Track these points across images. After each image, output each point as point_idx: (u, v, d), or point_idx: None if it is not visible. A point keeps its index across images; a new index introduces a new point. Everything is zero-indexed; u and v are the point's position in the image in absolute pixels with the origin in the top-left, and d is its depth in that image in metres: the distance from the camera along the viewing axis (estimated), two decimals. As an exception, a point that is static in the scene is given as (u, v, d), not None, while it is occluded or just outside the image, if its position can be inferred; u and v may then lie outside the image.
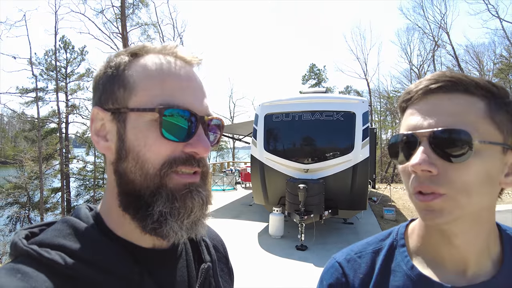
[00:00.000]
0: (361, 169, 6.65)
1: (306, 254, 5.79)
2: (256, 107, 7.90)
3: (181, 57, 0.56)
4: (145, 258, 0.54)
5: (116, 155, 0.53)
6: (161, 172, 0.50)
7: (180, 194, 0.51)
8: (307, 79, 39.99)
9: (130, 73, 0.53)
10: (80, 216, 0.54)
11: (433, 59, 33.67)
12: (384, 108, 39.15)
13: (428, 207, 0.54)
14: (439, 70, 21.94)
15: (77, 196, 26.49)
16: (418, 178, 0.55)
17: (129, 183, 0.51)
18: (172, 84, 0.52)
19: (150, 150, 0.50)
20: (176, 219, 0.50)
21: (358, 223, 8.12)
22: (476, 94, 0.54)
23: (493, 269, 0.59)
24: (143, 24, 23.24)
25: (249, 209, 9.76)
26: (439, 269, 0.61)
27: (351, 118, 6.80)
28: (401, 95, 0.62)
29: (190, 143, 0.52)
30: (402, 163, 0.59)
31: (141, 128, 0.51)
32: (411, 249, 0.67)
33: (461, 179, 0.52)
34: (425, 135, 0.54)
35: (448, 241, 0.58)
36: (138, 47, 0.56)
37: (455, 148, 0.51)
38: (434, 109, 0.55)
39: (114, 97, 0.53)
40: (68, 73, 26.97)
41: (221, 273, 0.70)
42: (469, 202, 0.53)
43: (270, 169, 7.17)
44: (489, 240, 0.60)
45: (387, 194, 12.72)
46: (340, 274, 0.71)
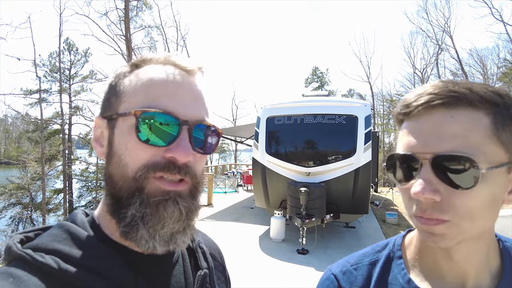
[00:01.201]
0: (363, 173, 6.62)
1: (307, 258, 5.76)
2: (258, 109, 7.90)
3: (179, 65, 0.56)
4: (141, 263, 0.54)
5: (106, 159, 0.54)
6: (137, 176, 0.50)
7: (153, 200, 0.50)
8: (310, 82, 40.02)
9: (123, 82, 0.55)
10: (76, 221, 0.55)
11: (437, 62, 33.62)
12: (387, 112, 39.09)
13: (430, 230, 0.52)
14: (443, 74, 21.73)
15: (79, 197, 26.54)
16: (420, 204, 0.52)
17: (113, 186, 0.52)
18: (158, 90, 0.52)
19: (129, 154, 0.51)
20: (147, 226, 0.49)
21: (360, 227, 8.08)
22: (481, 109, 0.51)
23: (492, 282, 0.58)
24: (147, 27, 23.37)
25: (250, 212, 9.75)
26: (437, 283, 0.60)
27: (353, 121, 6.78)
28: (398, 104, 0.58)
29: (170, 148, 0.51)
30: (401, 182, 0.56)
31: (124, 133, 0.52)
32: (408, 261, 0.66)
33: (466, 206, 0.50)
34: (427, 158, 0.51)
35: (448, 257, 0.57)
36: (140, 59, 0.58)
37: (460, 175, 0.49)
38: (436, 129, 0.51)
39: (110, 105, 0.55)
40: (72, 74, 27.11)
41: (218, 282, 0.69)
42: (472, 227, 0.51)
43: (271, 172, 7.15)
44: (488, 253, 0.59)
45: (389, 198, 12.67)
46: (335, 286, 0.70)
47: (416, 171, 0.53)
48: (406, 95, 0.57)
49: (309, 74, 40.68)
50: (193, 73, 0.58)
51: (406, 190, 0.55)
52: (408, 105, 0.55)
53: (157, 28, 24.18)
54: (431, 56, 33.89)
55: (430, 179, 0.50)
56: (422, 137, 0.52)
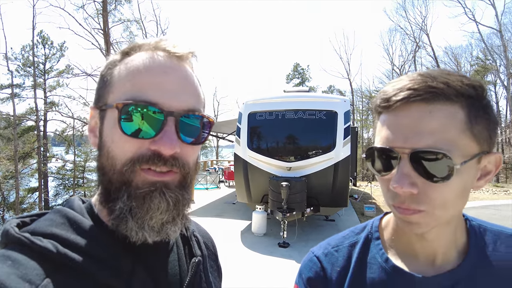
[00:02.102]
0: (342, 167, 6.76)
1: (289, 251, 5.85)
2: (240, 105, 7.90)
3: (171, 52, 0.55)
4: (137, 249, 0.54)
5: (97, 150, 0.54)
6: (123, 169, 0.50)
7: (140, 192, 0.50)
8: (291, 78, 40.22)
9: (112, 72, 0.54)
10: (74, 207, 0.55)
11: (414, 59, 34.51)
12: (366, 108, 39.84)
13: (407, 220, 0.56)
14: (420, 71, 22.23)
15: (55, 196, 25.71)
16: (398, 196, 0.56)
17: (104, 177, 0.53)
18: (143, 79, 0.51)
19: (116, 147, 0.51)
20: (135, 218, 0.49)
21: (340, 220, 8.24)
22: (457, 102, 0.53)
23: (458, 259, 0.62)
24: (126, 21, 22.73)
25: (232, 208, 9.77)
26: (411, 261, 0.64)
27: (333, 117, 6.90)
28: (377, 96, 0.60)
29: (154, 140, 0.50)
30: (380, 173, 0.59)
31: (110, 125, 0.52)
32: (385, 241, 0.70)
33: (441, 197, 0.53)
34: (405, 153, 0.53)
35: (421, 238, 0.61)
36: (130, 46, 0.56)
37: (437, 170, 0.52)
38: (415, 125, 0.53)
39: (101, 95, 0.55)
40: (47, 69, 26.04)
41: (211, 270, 0.70)
42: (445, 215, 0.56)
43: (253, 167, 7.19)
44: (456, 233, 0.63)
45: (368, 192, 12.96)
46: (318, 267, 0.73)
47: (394, 163, 0.55)
48: (385, 87, 0.59)
49: (290, 70, 40.93)
50: (184, 58, 0.56)
51: (385, 181, 0.59)
52: (387, 99, 0.56)
53: (137, 22, 23.58)
54: (409, 53, 34.79)
55: (408, 172, 0.53)
56: (402, 132, 0.54)
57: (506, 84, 30.09)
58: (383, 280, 0.64)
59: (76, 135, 25.31)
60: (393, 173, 0.56)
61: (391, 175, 0.56)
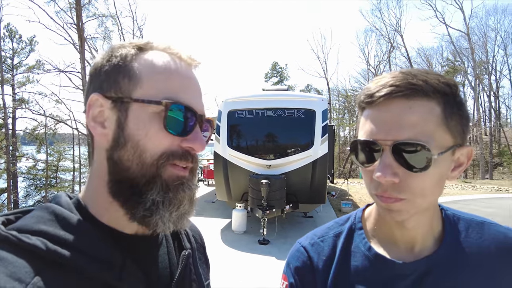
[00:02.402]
0: (320, 165, 6.90)
1: (268, 248, 5.92)
2: (219, 103, 7.88)
3: (183, 58, 0.59)
4: (128, 244, 0.55)
5: (113, 143, 0.54)
6: (159, 163, 0.52)
7: (173, 185, 0.54)
8: (270, 76, 40.45)
9: (136, 65, 0.55)
10: (61, 203, 0.54)
11: (389, 60, 35.54)
12: (342, 107, 40.67)
13: (389, 208, 0.61)
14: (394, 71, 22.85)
15: (26, 197, 24.62)
16: (381, 185, 0.60)
17: (123, 171, 0.53)
18: (176, 81, 0.56)
19: (150, 141, 0.52)
20: (167, 209, 0.52)
21: (318, 217, 8.42)
22: (434, 99, 0.58)
23: (435, 245, 0.67)
24: (101, 16, 22.04)
25: (211, 206, 9.73)
26: (392, 249, 0.69)
27: (311, 115, 7.03)
28: (361, 93, 0.64)
29: (187, 139, 0.55)
30: (363, 164, 0.63)
31: (143, 119, 0.53)
32: (368, 231, 0.74)
33: (420, 186, 0.58)
34: (387, 145, 0.57)
35: (401, 226, 0.66)
36: (143, 42, 0.59)
37: (416, 160, 0.56)
38: (396, 119, 0.57)
39: (117, 86, 0.54)
40: (15, 64, 24.91)
41: (199, 262, 0.72)
42: (424, 202, 0.61)
43: (233, 165, 7.20)
44: (432, 221, 0.68)
45: (344, 189, 13.27)
46: (305, 257, 0.76)
47: (377, 155, 0.60)
48: (368, 84, 0.64)
49: (268, 69, 41.14)
50: (194, 66, 0.62)
51: (368, 172, 0.62)
52: (371, 95, 0.60)
53: (112, 18, 22.92)
54: (384, 54, 35.79)
55: (390, 163, 0.57)
56: (384, 126, 0.58)
57: (473, 84, 31.58)
58: (366, 267, 0.68)
59: (49, 133, 24.36)
60: (375, 164, 0.60)
61: (374, 167, 0.60)
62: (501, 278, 0.63)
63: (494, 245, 0.66)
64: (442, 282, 0.63)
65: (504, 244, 0.66)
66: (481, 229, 0.69)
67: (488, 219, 0.72)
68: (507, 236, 0.67)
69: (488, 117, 37.18)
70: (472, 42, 30.36)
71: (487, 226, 0.70)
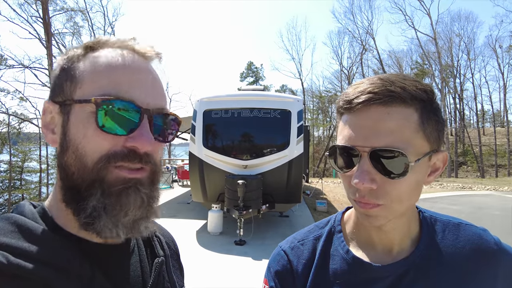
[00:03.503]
0: (296, 165, 6.96)
1: (245, 249, 5.90)
2: (194, 102, 7.77)
3: (137, 51, 0.56)
4: (96, 253, 0.53)
5: (59, 148, 0.52)
6: (98, 166, 0.49)
7: (115, 189, 0.49)
8: (245, 76, 40.52)
9: (78, 66, 0.52)
10: (24, 213, 0.52)
11: (361, 62, 36.56)
12: (316, 107, 41.38)
13: (367, 213, 0.61)
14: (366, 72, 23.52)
15: (-13, 200, 23.28)
16: (359, 191, 0.60)
17: (69, 176, 0.50)
18: (119, 76, 0.51)
19: (88, 143, 0.49)
20: (110, 215, 0.49)
21: (293, 216, 8.50)
22: (411, 105, 0.58)
23: (412, 247, 0.68)
24: (69, 10, 21.14)
25: (186, 208, 9.60)
26: (370, 252, 0.69)
27: (287, 115, 7.07)
28: (339, 98, 0.64)
29: (131, 137, 0.50)
30: (342, 170, 0.63)
31: (82, 120, 0.50)
32: (347, 234, 0.75)
33: (397, 191, 0.58)
34: (365, 151, 0.58)
35: (379, 230, 0.67)
36: (94, 41, 0.56)
37: (394, 167, 0.56)
38: (374, 125, 0.57)
39: (62, 89, 0.52)
40: (-26, 59, 23.42)
41: (173, 269, 0.70)
42: (401, 207, 0.61)
43: (209, 166, 7.12)
44: (410, 224, 0.69)
45: (319, 188, 13.50)
46: (285, 261, 0.77)
47: (355, 160, 0.60)
48: (347, 89, 0.64)
49: (244, 68, 41.19)
50: (151, 59, 0.57)
51: (347, 177, 0.63)
52: (350, 101, 0.60)
53: (82, 13, 22.06)
54: (357, 55, 36.77)
55: (368, 169, 0.58)
56: (362, 132, 0.59)
57: (440, 87, 33.08)
58: (344, 270, 0.69)
59: (12, 132, 23.08)
60: (354, 170, 0.60)
61: (352, 172, 0.60)
62: (476, 278, 0.64)
63: (469, 246, 0.67)
64: (418, 283, 0.64)
65: (478, 245, 0.67)
66: (457, 230, 0.70)
67: (465, 220, 0.74)
68: (481, 237, 0.69)
69: (453, 118, 39.11)
70: (439, 46, 31.81)
71: (463, 228, 0.71)
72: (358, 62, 36.61)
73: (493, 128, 38.21)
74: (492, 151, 35.04)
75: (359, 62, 36.48)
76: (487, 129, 42.35)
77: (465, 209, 10.23)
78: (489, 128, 42.13)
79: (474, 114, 41.84)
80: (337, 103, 0.65)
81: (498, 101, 44.27)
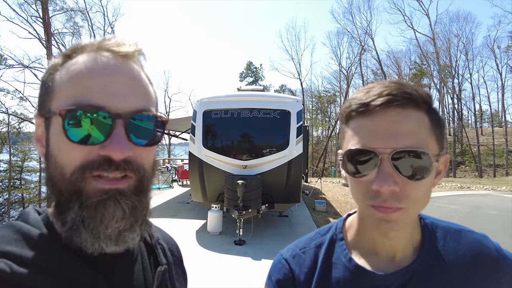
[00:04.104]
0: (295, 165, 6.99)
1: (244, 248, 5.92)
2: (194, 103, 7.78)
3: (114, 51, 0.52)
4: (100, 262, 0.52)
5: (45, 160, 0.52)
6: (73, 177, 0.47)
7: (92, 201, 0.47)
8: (245, 76, 40.52)
9: (54, 77, 0.51)
10: (29, 220, 0.51)
11: (360, 62, 36.59)
12: (315, 107, 41.40)
13: (387, 218, 0.58)
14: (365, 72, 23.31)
15: (-14, 200, 23.22)
16: (379, 195, 0.57)
17: (53, 188, 0.50)
18: (86, 83, 0.48)
19: (63, 155, 0.48)
20: (88, 229, 0.47)
21: (293, 216, 8.52)
22: (423, 109, 0.58)
23: (414, 254, 0.67)
24: (69, 10, 21.09)
25: (186, 207, 9.62)
26: (373, 259, 0.68)
27: (286, 116, 7.10)
28: (349, 103, 0.62)
29: (104, 145, 0.48)
30: (355, 175, 0.61)
31: (56, 133, 0.49)
32: (349, 242, 0.74)
33: (416, 193, 0.57)
34: (386, 153, 0.56)
35: (385, 235, 0.64)
36: (71, 48, 0.54)
37: (417, 168, 0.56)
38: (393, 127, 0.56)
39: (43, 102, 0.52)
40: (-27, 58, 23.33)
41: (176, 276, 0.70)
42: (418, 210, 0.61)
43: (208, 166, 7.14)
44: (413, 230, 0.68)
45: (318, 187, 13.50)
46: (286, 269, 0.76)
47: (373, 165, 0.58)
48: (357, 94, 0.62)
49: (243, 68, 41.22)
50: (130, 57, 0.54)
51: (363, 182, 0.60)
52: (365, 104, 0.59)
53: (81, 13, 22.01)
54: (355, 56, 36.77)
55: (390, 172, 0.56)
56: (381, 134, 0.57)
57: (438, 87, 33.14)
58: (346, 279, 0.68)
59: (12, 132, 23.03)
60: (372, 174, 0.58)
61: (370, 176, 0.58)
62: (478, 285, 0.64)
63: (470, 253, 0.67)
64: None
65: (479, 251, 0.67)
66: (458, 237, 0.70)
67: (465, 226, 0.73)
68: (482, 243, 0.68)
69: (452, 118, 39.21)
70: (438, 47, 31.87)
71: (463, 234, 0.71)
72: (357, 63, 36.68)
73: (491, 128, 38.35)
74: (490, 151, 35.12)
75: (358, 63, 36.55)
76: (485, 129, 42.46)
77: (463, 208, 10.28)
78: (487, 128, 42.27)
79: (472, 114, 41.95)
80: (345, 108, 0.64)
81: (496, 101, 44.35)
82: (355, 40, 35.95)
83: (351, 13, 36.22)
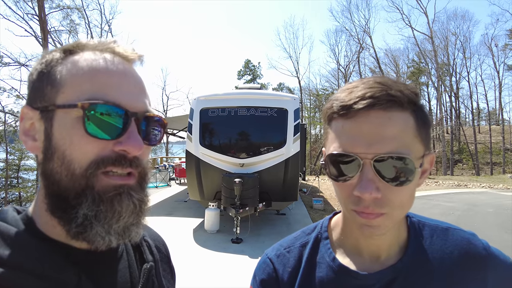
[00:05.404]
0: (293, 163, 6.99)
1: (242, 247, 5.93)
2: (191, 101, 7.76)
3: (119, 53, 0.54)
4: (83, 260, 0.52)
5: (43, 155, 0.50)
6: (87, 173, 0.47)
7: (107, 196, 0.48)
8: (243, 74, 40.47)
9: (59, 70, 0.51)
10: (7, 219, 0.50)
11: (358, 60, 36.61)
12: (313, 105, 41.45)
13: (369, 224, 0.58)
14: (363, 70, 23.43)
15: (-18, 199, 23.14)
16: (361, 201, 0.56)
17: (54, 184, 0.49)
18: (103, 80, 0.50)
19: (75, 149, 0.47)
20: (102, 223, 0.48)
21: (290, 214, 8.53)
22: (407, 109, 0.56)
23: (400, 253, 0.66)
24: (65, 7, 20.96)
25: (183, 206, 9.61)
26: (357, 259, 0.67)
27: (283, 114, 7.10)
28: (330, 103, 0.61)
29: (120, 141, 0.49)
30: (338, 179, 0.59)
31: (67, 126, 0.48)
32: (334, 241, 0.73)
33: (400, 199, 0.56)
34: (368, 158, 0.54)
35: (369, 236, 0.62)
36: (73, 44, 0.54)
37: (400, 174, 0.54)
38: (376, 131, 0.54)
39: (42, 95, 0.51)
40: (-31, 56, 23.17)
41: (164, 273, 0.69)
42: (402, 214, 0.60)
43: (206, 164, 7.13)
44: (399, 229, 0.67)
45: (315, 186, 13.51)
46: (270, 269, 0.75)
47: (355, 170, 0.56)
48: (340, 94, 0.60)
49: (241, 66, 41.16)
50: (133, 61, 0.56)
51: (345, 187, 0.59)
52: (347, 106, 0.56)
53: (78, 10, 21.88)
54: (354, 54, 36.81)
55: (372, 178, 0.55)
56: (364, 138, 0.55)
57: (436, 85, 33.21)
58: (330, 278, 0.67)
59: (8, 130, 22.92)
60: (354, 179, 0.57)
61: (352, 181, 0.57)
62: (464, 284, 0.63)
63: (458, 251, 0.66)
64: None
65: (466, 250, 0.66)
66: (446, 235, 0.69)
67: (453, 224, 0.72)
68: (470, 242, 0.67)
69: (449, 116, 39.33)
70: (436, 45, 31.92)
71: (451, 232, 0.69)
72: (355, 61, 36.73)
73: (488, 126, 38.50)
74: (487, 149, 35.30)
75: (356, 61, 36.59)
76: (482, 127, 42.68)
77: (460, 206, 10.32)
78: (484, 126, 42.46)
79: (470, 112, 42.18)
80: (327, 109, 0.62)
81: (493, 99, 44.58)
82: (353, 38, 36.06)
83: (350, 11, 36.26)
